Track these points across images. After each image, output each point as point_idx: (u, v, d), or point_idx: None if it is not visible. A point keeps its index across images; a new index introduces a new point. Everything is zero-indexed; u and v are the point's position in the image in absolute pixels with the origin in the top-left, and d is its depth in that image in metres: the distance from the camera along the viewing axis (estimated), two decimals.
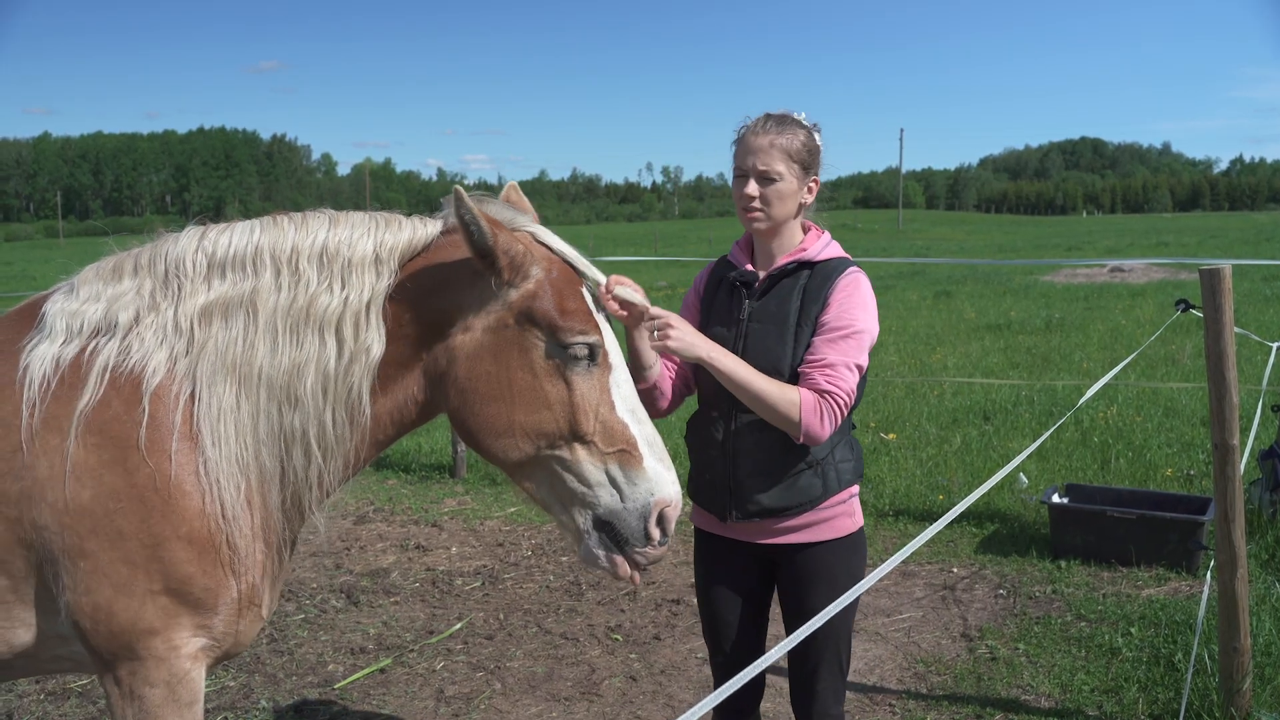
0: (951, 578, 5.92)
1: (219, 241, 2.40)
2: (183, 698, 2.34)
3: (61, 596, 2.26)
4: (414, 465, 8.94)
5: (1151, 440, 8.53)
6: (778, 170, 2.77)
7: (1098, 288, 22.84)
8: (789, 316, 2.80)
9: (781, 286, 2.85)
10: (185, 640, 2.32)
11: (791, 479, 2.81)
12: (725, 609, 3.05)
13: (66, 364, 2.31)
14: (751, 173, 2.79)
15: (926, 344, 15.13)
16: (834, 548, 2.90)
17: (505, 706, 4.55)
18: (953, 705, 4.39)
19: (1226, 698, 4.03)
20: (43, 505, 2.22)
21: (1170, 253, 36.85)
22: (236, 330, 2.35)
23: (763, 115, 2.86)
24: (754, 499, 2.83)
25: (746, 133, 2.83)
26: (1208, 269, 3.98)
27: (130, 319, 2.37)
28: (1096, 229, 79.60)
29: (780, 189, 2.79)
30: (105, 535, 2.23)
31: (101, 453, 2.25)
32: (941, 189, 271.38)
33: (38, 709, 4.54)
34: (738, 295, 2.91)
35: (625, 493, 2.39)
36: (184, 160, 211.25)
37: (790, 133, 2.79)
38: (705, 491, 2.96)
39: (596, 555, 2.44)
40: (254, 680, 4.83)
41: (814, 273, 2.85)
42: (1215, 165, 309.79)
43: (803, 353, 2.77)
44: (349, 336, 2.32)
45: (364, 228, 2.39)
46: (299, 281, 2.34)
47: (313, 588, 6.02)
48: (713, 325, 2.91)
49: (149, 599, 2.26)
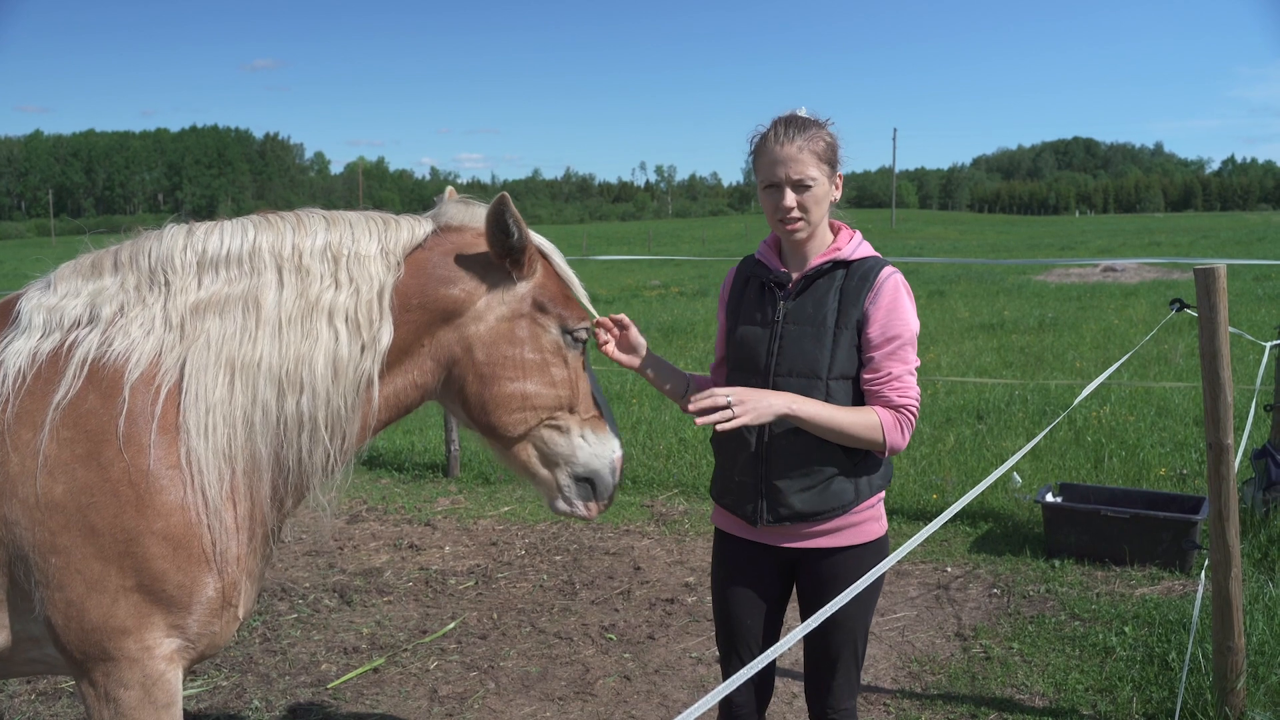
0: (946, 577, 5.92)
1: (209, 240, 2.42)
2: (159, 699, 2.33)
3: (35, 594, 2.24)
4: (407, 464, 8.91)
5: (1144, 439, 8.54)
6: (811, 176, 2.72)
7: (1090, 287, 22.89)
8: (826, 317, 2.77)
9: (817, 287, 2.82)
10: (159, 641, 2.30)
11: (825, 483, 2.79)
12: (745, 613, 3.00)
13: (44, 358, 2.30)
14: (786, 183, 2.73)
15: (920, 343, 15.00)
16: (860, 553, 2.87)
17: (499, 706, 4.54)
18: (947, 704, 4.39)
19: (1220, 697, 4.04)
20: (14, 501, 2.21)
21: (1162, 252, 36.95)
22: (234, 325, 2.36)
23: (779, 121, 2.79)
24: (787, 503, 2.80)
25: (770, 142, 2.76)
26: (1202, 269, 3.98)
27: (113, 313, 2.36)
28: (1089, 229, 79.83)
29: (816, 194, 2.75)
30: (78, 530, 2.22)
31: (75, 446, 2.24)
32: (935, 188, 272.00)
33: (28, 709, 4.51)
34: (770, 295, 2.87)
35: (598, 451, 2.75)
36: (176, 158, 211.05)
37: (814, 134, 2.75)
38: (734, 494, 2.91)
39: (574, 503, 2.79)
40: (247, 680, 4.81)
41: (849, 272, 2.80)
42: (1207, 165, 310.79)
43: (841, 355, 2.75)
44: (362, 326, 2.43)
45: (365, 225, 2.52)
46: (306, 276, 2.42)
47: (305, 587, 6.00)
48: (744, 325, 2.89)
49: (121, 596, 2.24)
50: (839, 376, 2.76)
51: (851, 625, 2.91)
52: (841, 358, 2.75)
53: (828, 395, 2.75)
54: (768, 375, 2.80)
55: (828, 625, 2.80)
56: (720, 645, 3.10)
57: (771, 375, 2.79)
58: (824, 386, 2.75)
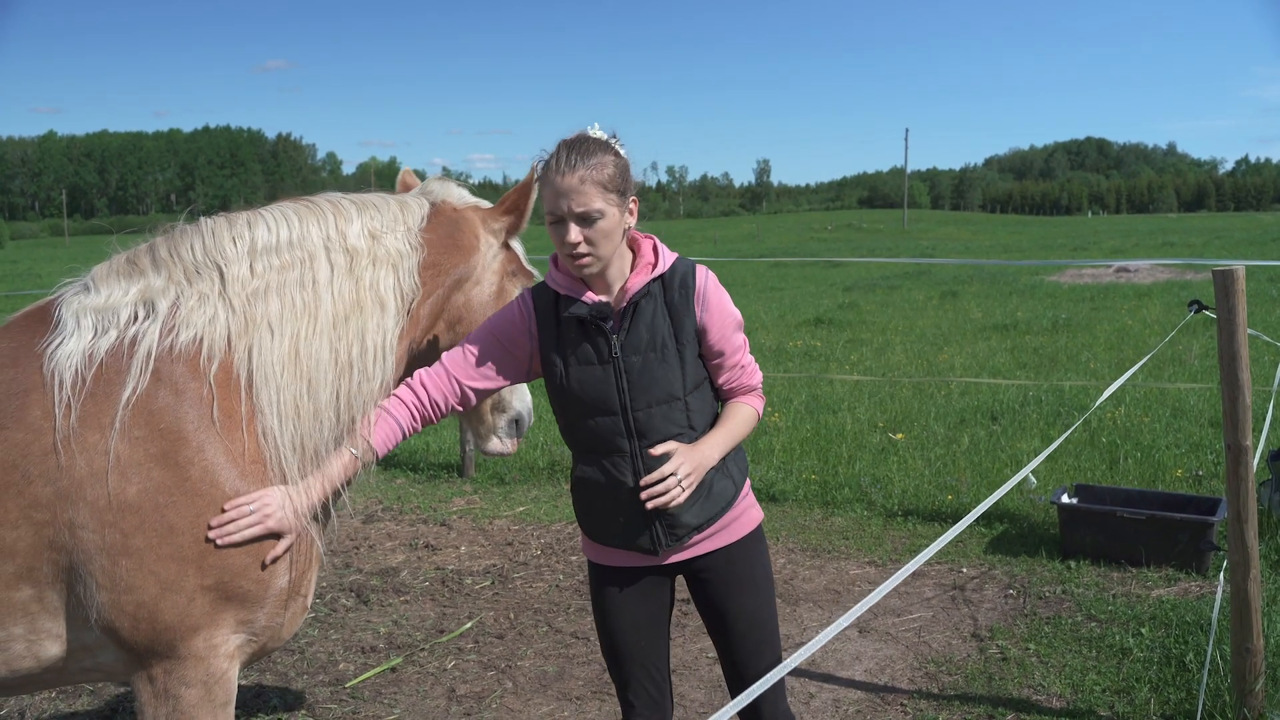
0: (961, 578, 5.92)
1: (256, 228, 2.51)
2: (218, 698, 2.31)
3: (94, 600, 2.21)
4: (422, 464, 8.95)
5: (1159, 440, 8.51)
6: (597, 209, 2.53)
7: (1104, 288, 22.80)
8: (666, 340, 2.67)
9: (642, 310, 2.68)
10: (225, 638, 2.29)
11: (708, 489, 2.74)
12: (641, 636, 2.89)
13: (103, 357, 2.28)
14: (569, 216, 2.53)
15: (933, 344, 15.12)
16: (746, 543, 2.86)
17: (517, 706, 4.56)
18: (964, 705, 4.39)
19: (1239, 699, 4.03)
20: (80, 504, 2.18)
21: (1176, 253, 36.76)
22: (294, 305, 2.44)
23: (562, 146, 2.59)
24: (682, 523, 2.72)
25: (551, 172, 2.55)
26: (1221, 270, 3.97)
27: (170, 305, 2.36)
28: (1102, 229, 79.46)
29: (603, 227, 2.56)
30: (154, 531, 2.19)
31: (149, 445, 2.21)
32: (947, 189, 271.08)
33: (49, 706, 4.55)
34: (593, 330, 2.67)
35: (523, 397, 3.18)
36: (189, 159, 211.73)
37: (597, 161, 2.55)
38: (623, 534, 2.75)
39: (505, 442, 3.19)
40: (265, 679, 4.84)
41: (664, 285, 2.71)
42: (1221, 165, 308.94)
43: (689, 369, 2.70)
44: (403, 297, 2.67)
45: (386, 206, 2.75)
46: (352, 255, 2.58)
47: (322, 586, 6.02)
48: (578, 367, 2.69)
49: (198, 595, 2.23)
50: (693, 389, 2.74)
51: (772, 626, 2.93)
52: (690, 371, 2.72)
53: (688, 410, 2.72)
54: (625, 413, 2.68)
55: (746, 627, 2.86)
56: (617, 672, 2.96)
57: (630, 412, 2.67)
58: (683, 404, 2.71)
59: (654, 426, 2.69)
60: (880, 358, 14.02)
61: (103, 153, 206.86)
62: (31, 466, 2.18)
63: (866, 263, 34.46)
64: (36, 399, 2.23)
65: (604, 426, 2.69)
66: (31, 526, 2.18)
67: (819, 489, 7.62)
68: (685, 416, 2.72)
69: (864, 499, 7.38)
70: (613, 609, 2.89)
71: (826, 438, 9.16)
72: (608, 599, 2.89)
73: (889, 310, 20.32)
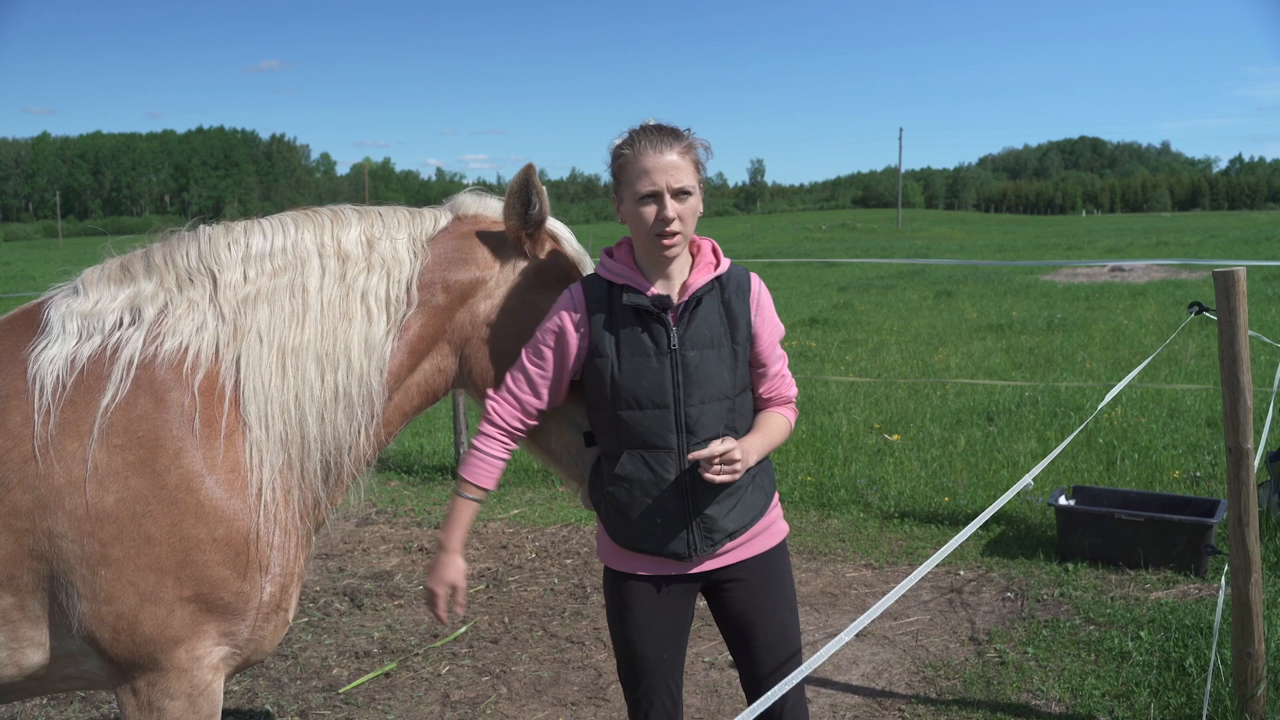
0: (958, 580, 5.89)
1: (251, 236, 2.47)
2: (203, 710, 2.28)
3: (75, 609, 2.17)
4: (416, 467, 8.90)
5: (1157, 441, 8.49)
6: (691, 185, 2.60)
7: (1099, 287, 22.80)
8: (722, 339, 2.69)
9: (704, 306, 2.70)
10: (209, 650, 2.26)
11: (743, 496, 2.75)
12: (663, 648, 2.85)
13: (85, 363, 2.24)
14: (668, 192, 2.56)
15: (928, 344, 15.10)
16: (776, 553, 2.87)
17: (512, 711, 4.51)
18: (962, 710, 4.36)
19: (1241, 704, 4.00)
20: (59, 513, 2.14)
21: (1170, 252, 36.80)
22: (283, 311, 2.40)
23: (649, 128, 2.63)
24: (720, 527, 2.70)
25: (647, 149, 2.57)
26: (1222, 272, 3.95)
27: (157, 312, 2.32)
28: (1096, 228, 79.60)
29: (694, 204, 2.63)
30: (132, 541, 2.15)
31: (126, 453, 2.17)
32: (941, 188, 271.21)
33: (40, 713, 4.50)
34: (652, 320, 2.67)
35: None
36: (183, 160, 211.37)
37: (689, 142, 2.63)
38: (657, 537, 2.71)
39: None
40: (258, 685, 4.79)
41: (723, 287, 2.73)
42: (1215, 164, 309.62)
43: (741, 371, 2.72)
44: (393, 307, 2.55)
45: (394, 216, 2.66)
46: (345, 261, 2.52)
47: (316, 591, 5.98)
48: (632, 359, 2.66)
49: (177, 606, 2.19)
50: (740, 391, 2.75)
51: (797, 634, 2.91)
52: (742, 374, 2.74)
53: (734, 411, 2.72)
54: (678, 408, 2.65)
55: (776, 638, 2.84)
56: (634, 684, 2.89)
57: (683, 407, 2.65)
58: (731, 405, 2.72)
59: (704, 424, 2.67)
60: (875, 358, 13.99)
61: (96, 154, 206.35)
62: (11, 474, 2.15)
63: (861, 263, 34.44)
64: (17, 404, 2.20)
65: (654, 420, 2.66)
66: (11, 535, 2.15)
67: (815, 491, 7.59)
68: (731, 417, 2.72)
69: (860, 501, 7.35)
70: (636, 620, 2.82)
71: (822, 439, 9.13)
72: (632, 609, 2.82)
73: (884, 310, 20.31)
